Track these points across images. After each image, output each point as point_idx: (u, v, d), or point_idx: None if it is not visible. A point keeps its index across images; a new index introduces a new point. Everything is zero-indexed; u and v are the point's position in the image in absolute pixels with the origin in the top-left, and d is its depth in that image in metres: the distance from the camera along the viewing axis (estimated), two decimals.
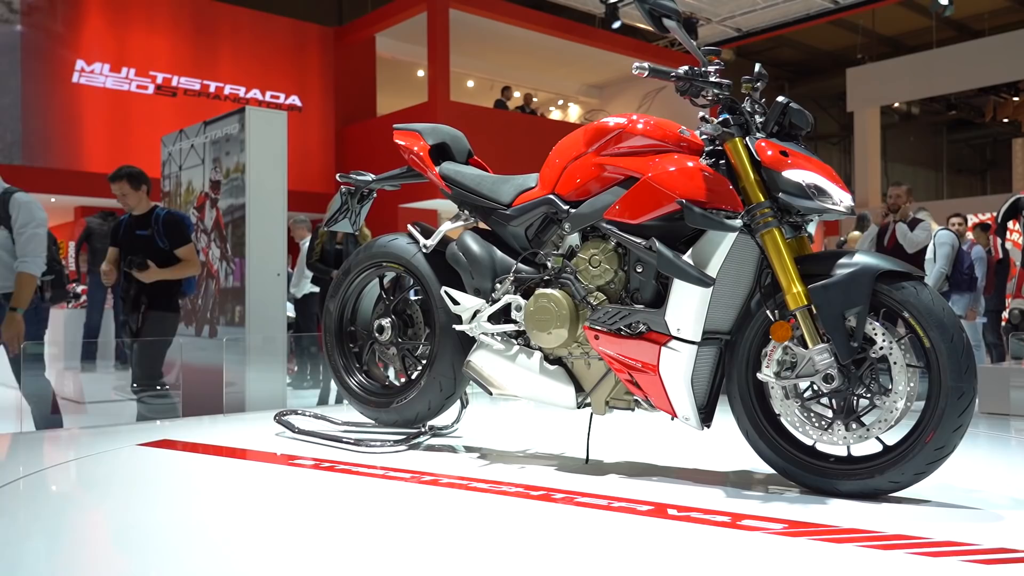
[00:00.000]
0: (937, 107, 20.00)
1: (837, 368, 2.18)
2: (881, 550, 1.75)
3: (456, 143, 3.14)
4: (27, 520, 2.13)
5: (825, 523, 1.94)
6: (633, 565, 1.67)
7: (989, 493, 2.31)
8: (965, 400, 2.06)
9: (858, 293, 2.14)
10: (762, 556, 1.74)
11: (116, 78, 12.26)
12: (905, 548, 1.75)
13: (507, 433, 3.40)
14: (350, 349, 3.33)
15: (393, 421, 3.13)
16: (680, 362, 2.33)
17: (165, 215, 4.59)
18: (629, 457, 2.79)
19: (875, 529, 1.89)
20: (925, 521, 1.97)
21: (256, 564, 1.71)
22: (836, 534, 1.86)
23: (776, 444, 2.31)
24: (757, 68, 2.48)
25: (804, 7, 14.09)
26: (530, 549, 1.81)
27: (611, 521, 1.99)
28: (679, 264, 2.28)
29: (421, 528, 1.99)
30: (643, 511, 2.06)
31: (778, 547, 1.79)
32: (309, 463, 2.70)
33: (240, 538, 1.91)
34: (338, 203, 3.34)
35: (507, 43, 14.49)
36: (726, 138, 2.33)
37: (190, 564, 1.72)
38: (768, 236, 2.26)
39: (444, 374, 2.95)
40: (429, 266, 3.01)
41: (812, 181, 2.25)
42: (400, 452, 2.87)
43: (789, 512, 2.04)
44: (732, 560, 1.71)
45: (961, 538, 1.82)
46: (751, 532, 1.88)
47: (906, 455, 2.11)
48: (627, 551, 1.77)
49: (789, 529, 1.90)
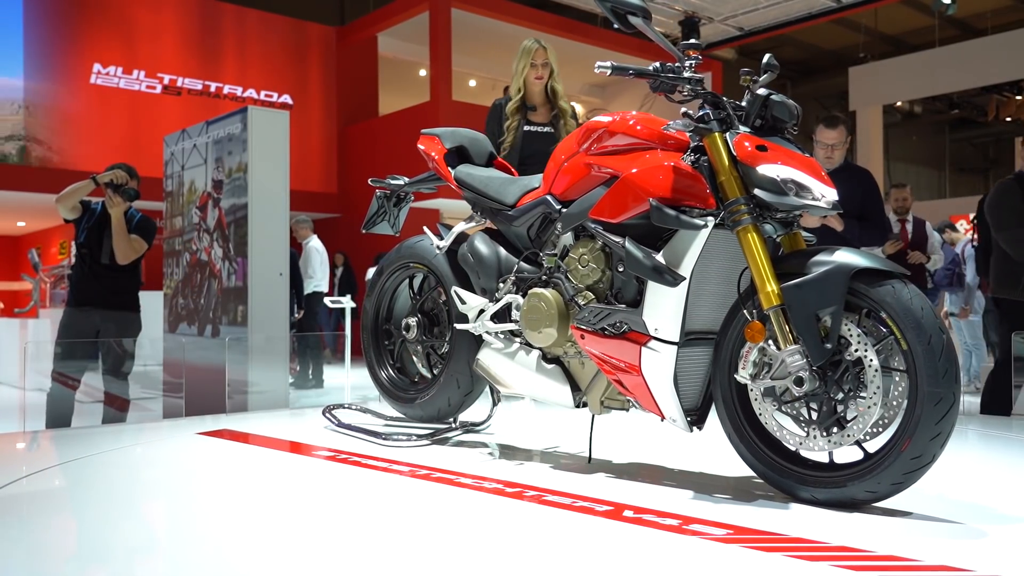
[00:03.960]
0: (940, 106, 19.94)
1: (809, 371, 2.07)
2: (808, 560, 1.67)
3: (475, 146, 3.22)
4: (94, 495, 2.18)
5: (770, 531, 1.88)
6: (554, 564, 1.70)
7: (980, 503, 2.21)
8: (944, 406, 1.92)
9: (832, 292, 2.03)
10: (682, 560, 1.70)
11: (128, 79, 12.37)
12: (835, 560, 1.66)
13: (529, 431, 3.41)
14: (385, 346, 3.46)
15: (419, 416, 3.26)
16: (661, 363, 2.28)
17: (140, 216, 4.71)
18: (629, 457, 2.79)
19: (818, 540, 1.81)
20: (880, 533, 1.87)
21: (235, 549, 1.73)
22: (771, 542, 1.80)
23: (756, 448, 2.22)
24: (766, 59, 2.40)
25: (806, 6, 14.05)
26: (477, 543, 1.87)
27: (566, 520, 2.01)
28: (646, 263, 2.24)
29: (378, 519, 2.08)
30: (601, 511, 2.06)
31: (706, 552, 1.75)
32: (327, 454, 2.83)
33: (232, 525, 1.94)
34: (375, 207, 3.43)
35: (509, 43, 14.41)
36: (704, 133, 2.27)
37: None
38: (742, 233, 2.18)
39: (461, 371, 3.04)
40: (447, 267, 3.10)
41: (788, 176, 2.15)
42: (421, 447, 2.93)
43: (741, 518, 1.99)
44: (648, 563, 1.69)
45: (909, 553, 1.70)
46: (690, 537, 1.84)
47: (882, 464, 1.99)
48: (563, 550, 1.80)
49: (731, 535, 1.85)
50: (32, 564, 1.77)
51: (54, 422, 4.35)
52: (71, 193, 4.54)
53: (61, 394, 4.44)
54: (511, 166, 3.27)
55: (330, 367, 8.69)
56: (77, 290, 4.60)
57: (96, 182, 4.51)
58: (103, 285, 4.57)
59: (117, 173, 4.54)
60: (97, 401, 4.58)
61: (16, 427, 4.77)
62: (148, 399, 5.63)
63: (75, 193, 4.54)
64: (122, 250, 4.53)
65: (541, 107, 4.02)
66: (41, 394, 4.54)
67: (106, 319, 4.56)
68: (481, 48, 14.54)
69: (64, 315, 4.63)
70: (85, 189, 4.53)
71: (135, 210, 4.72)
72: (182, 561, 1.78)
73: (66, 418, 4.39)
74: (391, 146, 12.86)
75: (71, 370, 4.51)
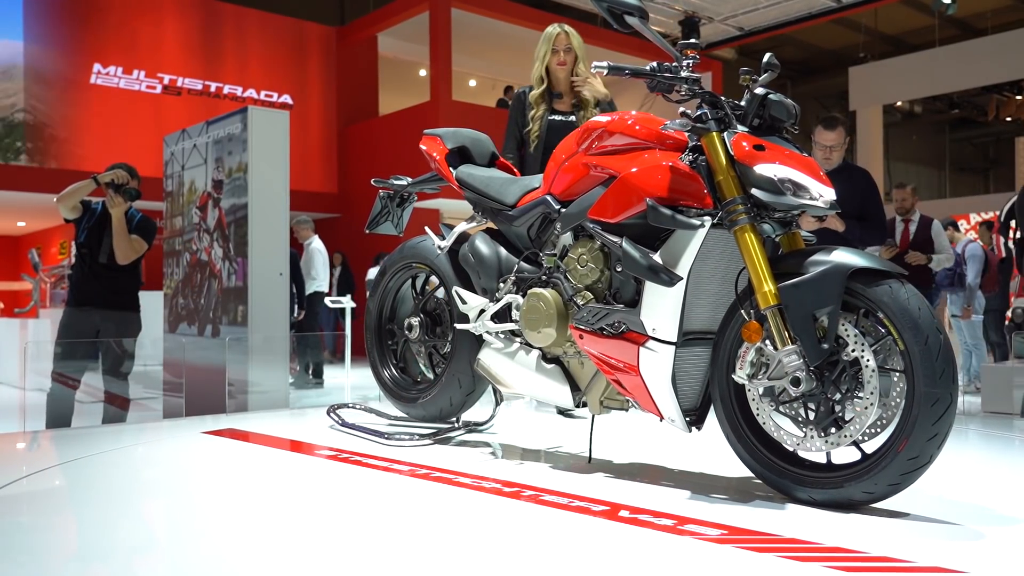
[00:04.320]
0: (940, 106, 19.95)
1: (806, 371, 2.06)
2: (800, 561, 1.66)
3: (477, 146, 3.21)
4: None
5: (765, 531, 1.87)
6: (546, 564, 1.70)
7: (978, 504, 2.19)
8: (940, 407, 1.90)
9: (829, 292, 2.01)
10: (675, 560, 1.70)
11: (128, 79, 12.38)
12: (827, 561, 1.66)
13: (530, 431, 3.41)
14: (388, 346, 3.46)
15: (421, 416, 3.27)
16: (659, 363, 2.27)
17: (140, 216, 4.70)
18: (629, 457, 2.79)
19: (812, 540, 1.80)
20: (875, 534, 1.85)
21: (234, 547, 1.74)
22: (765, 543, 1.79)
23: (754, 448, 2.21)
24: (766, 58, 2.38)
25: (806, 6, 14.05)
26: (471, 542, 1.87)
27: (562, 520, 2.01)
28: (643, 263, 2.23)
29: (374, 517, 2.10)
30: (597, 511, 2.06)
31: (699, 553, 1.74)
32: (329, 453, 2.86)
33: (232, 524, 1.94)
34: (378, 207, 3.43)
35: (509, 42, 14.47)
36: (701, 133, 2.25)
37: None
38: (740, 233, 2.16)
39: (462, 371, 3.05)
40: (448, 267, 3.10)
41: (785, 175, 2.14)
42: (423, 447, 2.94)
43: (737, 518, 1.97)
44: (641, 563, 1.68)
45: (903, 555, 1.69)
46: (685, 537, 1.84)
47: (879, 465, 1.97)
48: (557, 550, 1.80)
49: (725, 536, 1.84)
50: (32, 565, 1.77)
51: (54, 422, 4.36)
52: (72, 193, 4.54)
53: (61, 394, 4.45)
54: (515, 165, 3.26)
55: (330, 367, 8.70)
56: (77, 290, 4.60)
57: (97, 182, 4.52)
58: (103, 285, 4.57)
59: (118, 173, 4.54)
60: (98, 401, 4.58)
61: (16, 427, 4.77)
62: (149, 399, 5.63)
63: (76, 193, 4.54)
64: (122, 250, 4.53)
65: (567, 95, 3.87)
66: (41, 394, 4.54)
67: (106, 319, 4.56)
68: (481, 48, 14.54)
69: (64, 315, 4.63)
70: (86, 189, 4.53)
71: (135, 210, 4.72)
72: (183, 559, 1.78)
73: (66, 418, 4.40)
74: (391, 146, 12.86)
75: (71, 370, 4.51)
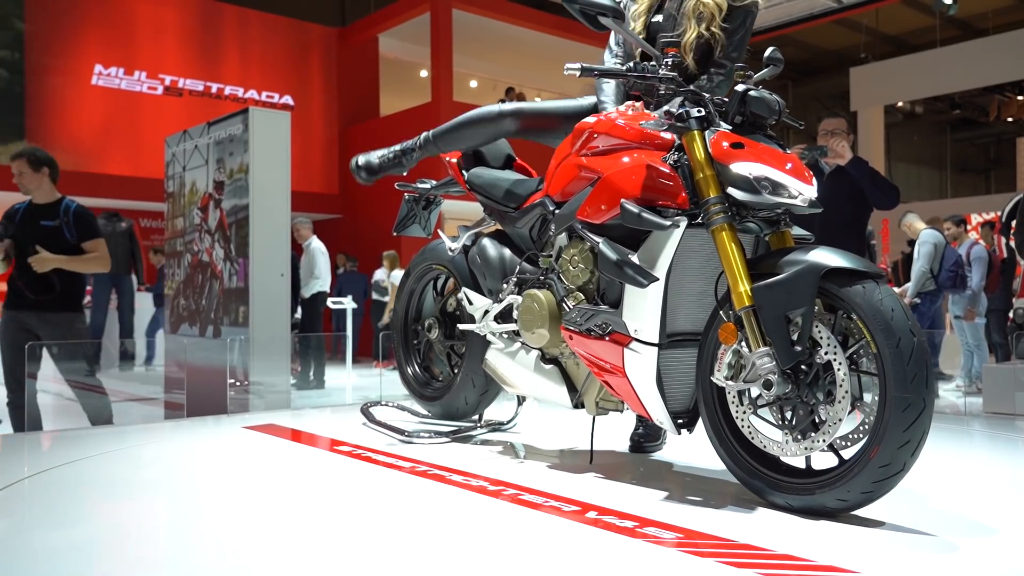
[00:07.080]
0: (941, 106, 19.94)
1: (779, 374, 2.00)
2: (737, 568, 1.62)
3: (491, 148, 3.23)
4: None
5: (721, 536, 1.83)
6: (499, 562, 1.72)
7: (965, 511, 2.12)
8: (912, 413, 1.82)
9: (802, 293, 1.95)
10: (623, 564, 1.68)
11: (129, 80, 12.40)
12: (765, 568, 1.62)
13: (553, 430, 3.39)
14: (413, 345, 3.53)
15: (440, 414, 3.34)
16: (643, 364, 2.24)
17: (76, 207, 4.40)
18: (630, 457, 2.80)
19: (763, 547, 1.75)
20: (835, 544, 1.79)
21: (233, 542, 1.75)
22: (714, 548, 1.76)
23: (735, 452, 2.15)
24: (768, 52, 2.34)
25: (807, 6, 14.04)
26: (440, 538, 1.90)
27: (530, 519, 2.02)
28: (617, 264, 2.20)
29: (355, 510, 2.15)
30: (567, 511, 2.07)
31: (648, 556, 1.72)
32: (347, 449, 2.93)
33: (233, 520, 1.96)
34: (404, 211, 3.50)
35: (510, 43, 14.49)
36: (681, 132, 2.22)
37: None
38: (716, 232, 2.11)
39: (475, 371, 3.11)
40: (463, 268, 3.17)
41: (761, 174, 2.09)
42: (440, 445, 3.00)
43: (699, 522, 1.94)
44: (591, 565, 1.68)
45: (851, 566, 1.63)
46: (637, 540, 1.82)
47: (851, 472, 1.90)
48: (514, 548, 1.82)
49: (680, 539, 1.82)
50: (34, 565, 1.77)
51: (32, 425, 4.19)
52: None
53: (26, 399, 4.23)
54: (529, 168, 3.21)
55: (330, 367, 8.70)
56: (11, 292, 4.35)
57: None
58: (35, 287, 4.29)
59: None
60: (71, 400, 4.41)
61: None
62: (149, 399, 5.63)
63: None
64: (93, 270, 4.38)
65: None
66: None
67: (43, 321, 4.30)
68: (482, 49, 14.54)
69: (3, 319, 4.41)
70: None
71: (70, 200, 4.43)
72: (182, 557, 1.79)
73: (36, 420, 4.22)
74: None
75: (20, 375, 4.25)
